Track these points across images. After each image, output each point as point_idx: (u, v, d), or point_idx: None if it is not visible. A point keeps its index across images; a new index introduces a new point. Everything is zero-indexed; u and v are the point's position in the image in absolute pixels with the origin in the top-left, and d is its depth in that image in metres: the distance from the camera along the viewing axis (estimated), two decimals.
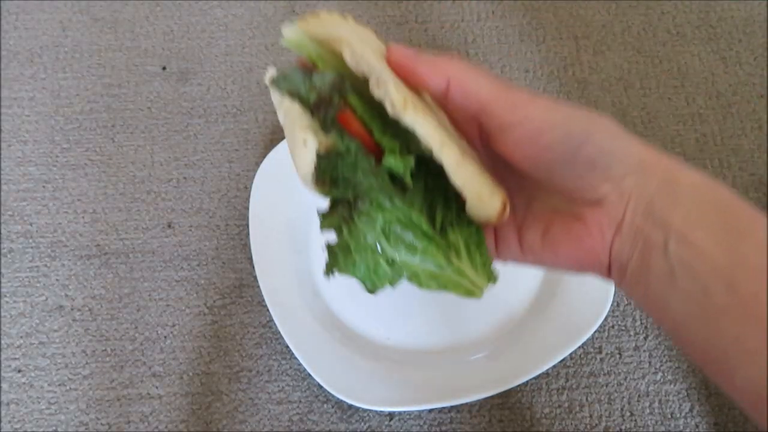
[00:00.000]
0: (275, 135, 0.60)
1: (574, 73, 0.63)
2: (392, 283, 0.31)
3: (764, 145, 0.59)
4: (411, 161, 0.29)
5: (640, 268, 0.30)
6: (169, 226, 0.57)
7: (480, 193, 0.29)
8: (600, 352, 0.52)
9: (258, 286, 0.52)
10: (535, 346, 0.50)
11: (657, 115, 0.61)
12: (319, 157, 0.28)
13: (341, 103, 0.29)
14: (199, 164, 0.60)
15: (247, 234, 0.54)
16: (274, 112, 0.62)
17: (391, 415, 0.50)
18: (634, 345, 0.52)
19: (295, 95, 0.30)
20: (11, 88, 0.63)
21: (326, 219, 0.31)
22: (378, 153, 0.29)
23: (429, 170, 0.29)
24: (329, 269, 0.31)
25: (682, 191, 0.29)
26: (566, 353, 0.49)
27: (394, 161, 0.28)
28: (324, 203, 0.31)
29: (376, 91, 0.28)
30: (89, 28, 0.66)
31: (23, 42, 0.65)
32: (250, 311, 0.54)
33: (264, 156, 0.56)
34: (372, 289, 0.31)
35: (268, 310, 0.51)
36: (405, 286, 0.56)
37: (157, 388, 0.51)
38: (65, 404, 0.51)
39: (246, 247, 0.55)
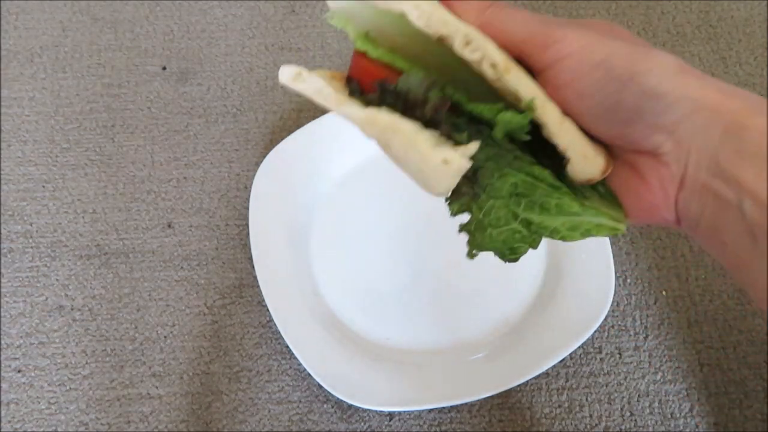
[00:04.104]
0: (275, 135, 0.60)
1: None
2: (533, 245, 0.30)
3: None
4: (532, 110, 0.27)
5: (714, 227, 0.26)
6: (169, 226, 0.57)
7: (584, 151, 0.27)
8: (600, 352, 0.52)
9: (258, 286, 0.52)
10: (535, 346, 0.50)
11: None
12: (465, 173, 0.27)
13: (447, 100, 0.27)
14: (199, 164, 0.60)
15: (247, 234, 0.54)
16: (274, 112, 0.62)
17: (391, 415, 0.50)
18: (634, 345, 0.52)
19: (397, 110, 0.27)
20: (11, 88, 0.63)
21: (454, 204, 0.29)
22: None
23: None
24: (471, 251, 0.30)
25: (751, 142, 0.25)
26: (566, 353, 0.49)
27: (511, 117, 0.27)
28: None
29: (469, 54, 0.26)
30: (89, 28, 0.66)
31: (23, 42, 0.65)
32: (250, 311, 0.54)
33: (264, 156, 0.56)
34: (514, 258, 0.30)
35: (268, 310, 0.51)
36: (404, 286, 0.56)
37: (157, 388, 0.51)
38: (65, 404, 0.51)
39: (246, 247, 0.55)
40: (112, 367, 0.52)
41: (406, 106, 0.27)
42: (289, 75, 0.28)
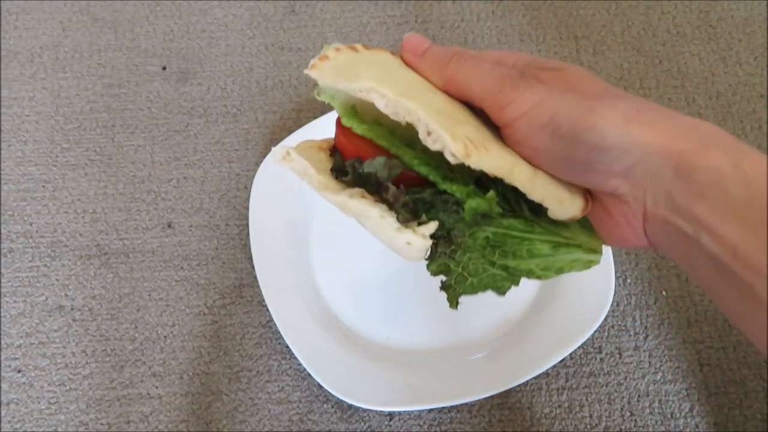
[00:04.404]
0: (275, 135, 0.60)
1: None
2: (515, 283, 0.32)
3: (764, 145, 0.59)
4: (494, 198, 0.29)
5: (682, 255, 0.27)
6: (169, 226, 0.57)
7: (560, 197, 0.29)
8: (600, 352, 0.52)
9: (258, 286, 0.52)
10: (535, 346, 0.50)
11: None
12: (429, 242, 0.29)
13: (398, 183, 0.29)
14: (199, 164, 0.60)
15: (247, 234, 0.54)
16: (274, 112, 0.62)
17: (391, 415, 0.50)
18: (634, 345, 0.52)
19: (370, 188, 0.30)
20: (11, 88, 0.63)
21: (432, 264, 0.32)
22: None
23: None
24: (453, 302, 0.32)
25: (700, 180, 0.26)
26: (566, 353, 0.49)
27: (477, 204, 0.29)
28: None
29: (431, 145, 0.28)
30: (89, 28, 0.66)
31: (23, 42, 0.65)
32: (250, 311, 0.54)
33: (264, 156, 0.56)
34: (501, 294, 0.32)
35: (268, 310, 0.51)
36: (404, 286, 0.56)
37: (157, 388, 0.51)
38: (65, 404, 0.51)
39: (246, 247, 0.55)
40: (112, 367, 0.52)
41: (374, 185, 0.30)
42: (278, 156, 0.31)
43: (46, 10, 0.67)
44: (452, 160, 0.27)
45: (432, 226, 0.29)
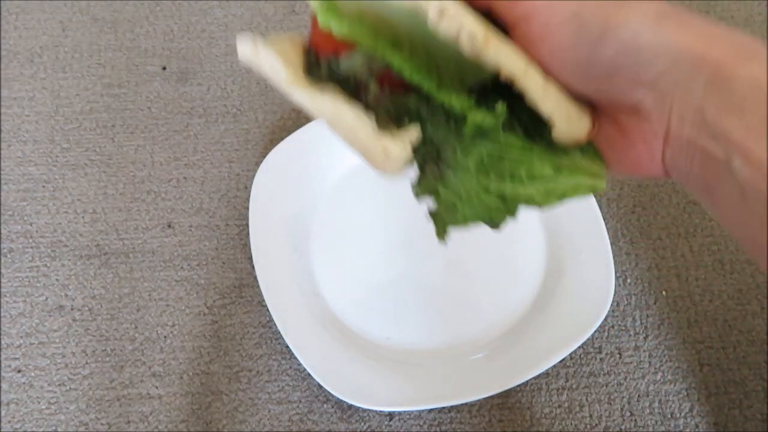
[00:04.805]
0: (275, 135, 0.60)
1: None
2: (512, 215, 0.28)
3: None
4: (503, 112, 0.25)
5: (703, 183, 0.24)
6: (169, 226, 0.57)
7: (569, 115, 0.26)
8: (600, 352, 0.52)
9: (258, 286, 0.52)
10: (535, 346, 0.50)
11: None
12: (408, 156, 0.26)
13: (380, 83, 0.25)
14: (199, 164, 0.60)
15: (247, 234, 0.54)
16: (274, 112, 0.62)
17: (391, 415, 0.50)
18: (634, 345, 0.52)
19: (347, 88, 0.26)
20: (11, 88, 0.63)
21: (419, 186, 0.28)
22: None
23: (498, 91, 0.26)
24: (441, 232, 0.29)
25: (738, 92, 0.22)
26: (566, 353, 0.49)
27: (483, 119, 0.25)
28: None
29: (444, 28, 0.23)
30: (89, 28, 0.66)
31: (23, 42, 0.65)
32: (250, 311, 0.54)
33: (264, 156, 0.56)
34: (495, 226, 0.28)
35: (268, 310, 0.51)
36: (405, 286, 0.56)
37: (157, 388, 0.51)
38: (65, 404, 0.51)
39: (246, 247, 0.55)
40: (112, 367, 0.52)
41: (352, 87, 0.26)
42: (246, 51, 0.27)
43: (46, 10, 0.67)
44: (468, 48, 0.23)
45: (414, 133, 0.26)
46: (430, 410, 0.50)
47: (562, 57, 0.25)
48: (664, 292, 0.54)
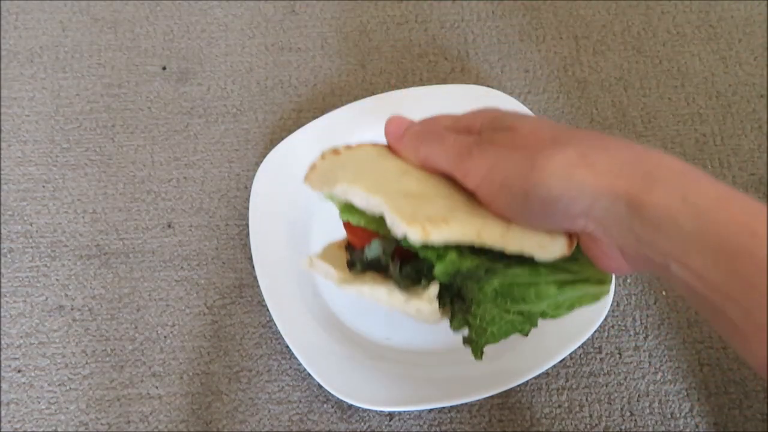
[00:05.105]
0: (275, 135, 0.60)
1: (574, 73, 0.63)
2: (534, 324, 0.34)
3: (764, 145, 0.59)
4: (453, 260, 0.31)
5: (663, 279, 0.29)
6: (169, 226, 0.57)
7: (540, 243, 0.31)
8: (600, 352, 0.52)
9: (258, 286, 0.52)
10: (535, 346, 0.50)
11: (657, 115, 0.61)
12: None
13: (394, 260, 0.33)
14: (199, 164, 0.60)
15: (247, 234, 0.54)
16: (274, 112, 0.62)
17: (391, 415, 0.50)
18: (634, 345, 0.52)
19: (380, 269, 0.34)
20: (11, 88, 0.63)
21: (453, 323, 0.34)
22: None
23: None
24: (477, 353, 0.35)
25: (654, 216, 0.26)
26: (566, 353, 0.49)
27: (444, 267, 0.31)
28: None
29: (396, 233, 0.30)
30: (89, 28, 0.66)
31: (23, 42, 0.65)
32: (250, 311, 0.54)
33: (264, 156, 0.56)
34: (525, 334, 0.35)
35: (268, 310, 0.51)
36: None
37: (157, 388, 0.51)
38: (65, 404, 0.51)
39: (246, 247, 0.55)
40: (112, 367, 0.52)
41: (383, 266, 0.34)
42: (305, 265, 0.35)
43: (46, 10, 0.67)
44: (414, 241, 0.30)
45: (434, 289, 0.32)
46: (430, 410, 0.50)
47: (509, 212, 0.31)
48: (664, 292, 0.54)
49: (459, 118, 0.36)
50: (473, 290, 0.32)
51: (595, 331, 0.49)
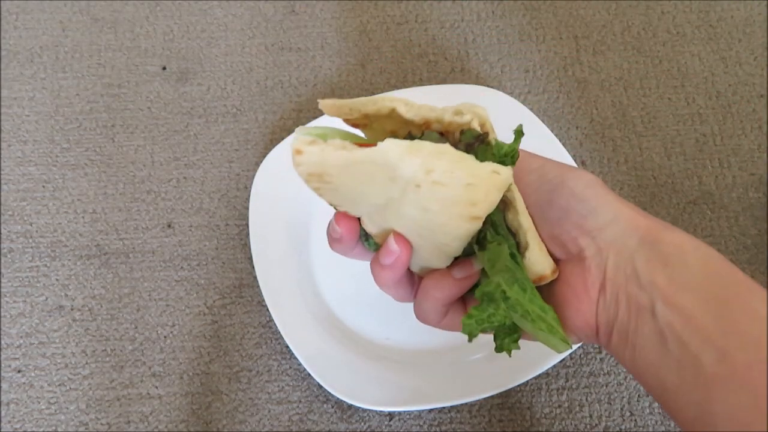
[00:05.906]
0: (275, 135, 0.60)
1: (573, 72, 0.63)
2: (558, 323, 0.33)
3: (764, 145, 0.59)
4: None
5: (627, 328, 0.29)
6: (169, 226, 0.57)
7: (540, 244, 0.31)
8: (600, 352, 0.52)
9: (258, 286, 0.52)
10: (535, 346, 0.50)
11: (657, 115, 0.61)
12: None
13: None
14: (199, 164, 0.60)
15: (247, 234, 0.54)
16: (274, 112, 0.62)
17: (391, 415, 0.50)
18: None
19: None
20: (11, 88, 0.63)
21: (499, 337, 0.36)
22: None
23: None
24: (508, 348, 0.36)
25: (665, 251, 0.28)
26: (566, 353, 0.49)
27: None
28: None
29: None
30: (89, 28, 0.66)
31: (23, 42, 0.65)
32: (250, 311, 0.54)
33: (264, 156, 0.56)
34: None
35: (268, 310, 0.51)
36: None
37: (157, 388, 0.51)
38: (65, 404, 0.51)
39: (246, 247, 0.55)
40: (112, 367, 0.52)
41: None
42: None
43: (46, 10, 0.67)
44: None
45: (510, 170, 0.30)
46: (430, 410, 0.50)
47: (529, 196, 0.31)
48: None
49: None
50: (505, 286, 0.31)
51: None
